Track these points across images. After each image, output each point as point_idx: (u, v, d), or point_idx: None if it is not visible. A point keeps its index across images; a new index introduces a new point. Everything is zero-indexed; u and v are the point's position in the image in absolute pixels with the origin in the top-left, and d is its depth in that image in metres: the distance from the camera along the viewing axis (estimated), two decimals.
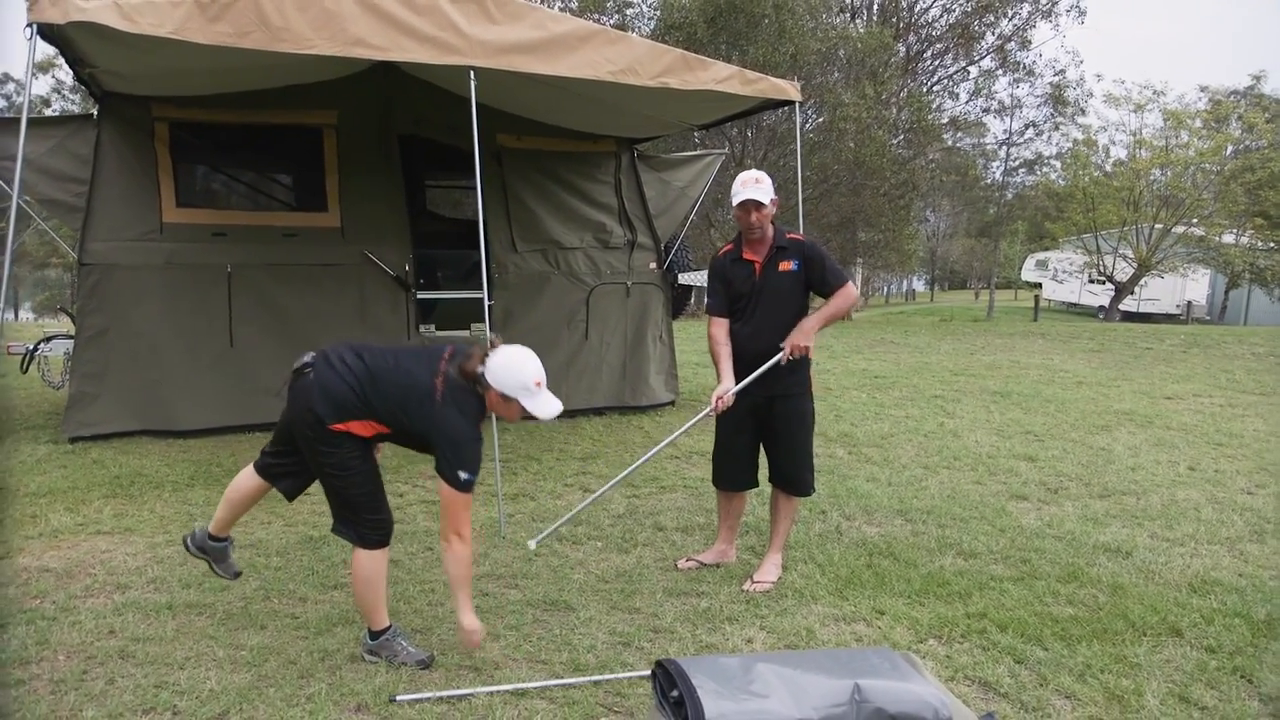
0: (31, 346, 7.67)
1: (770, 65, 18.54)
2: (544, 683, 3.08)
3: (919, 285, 71.65)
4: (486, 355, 3.05)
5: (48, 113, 32.22)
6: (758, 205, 3.87)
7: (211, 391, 6.64)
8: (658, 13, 23.99)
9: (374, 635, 3.22)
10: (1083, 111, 26.70)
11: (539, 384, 3.09)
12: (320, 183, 7.05)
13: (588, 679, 3.10)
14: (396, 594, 3.86)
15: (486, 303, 4.75)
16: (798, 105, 5.75)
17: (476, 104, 4.69)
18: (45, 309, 36.66)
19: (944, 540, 4.68)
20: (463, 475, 2.95)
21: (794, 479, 4.15)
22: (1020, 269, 46.70)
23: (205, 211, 6.84)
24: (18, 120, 7.05)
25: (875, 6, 27.69)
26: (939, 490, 5.69)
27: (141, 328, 6.47)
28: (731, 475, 4.26)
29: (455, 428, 2.98)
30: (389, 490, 5.34)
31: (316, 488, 3.27)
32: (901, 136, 22.99)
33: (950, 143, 30.05)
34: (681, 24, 20.62)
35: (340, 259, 6.97)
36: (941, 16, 27.06)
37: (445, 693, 3.00)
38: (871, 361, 12.21)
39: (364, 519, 3.13)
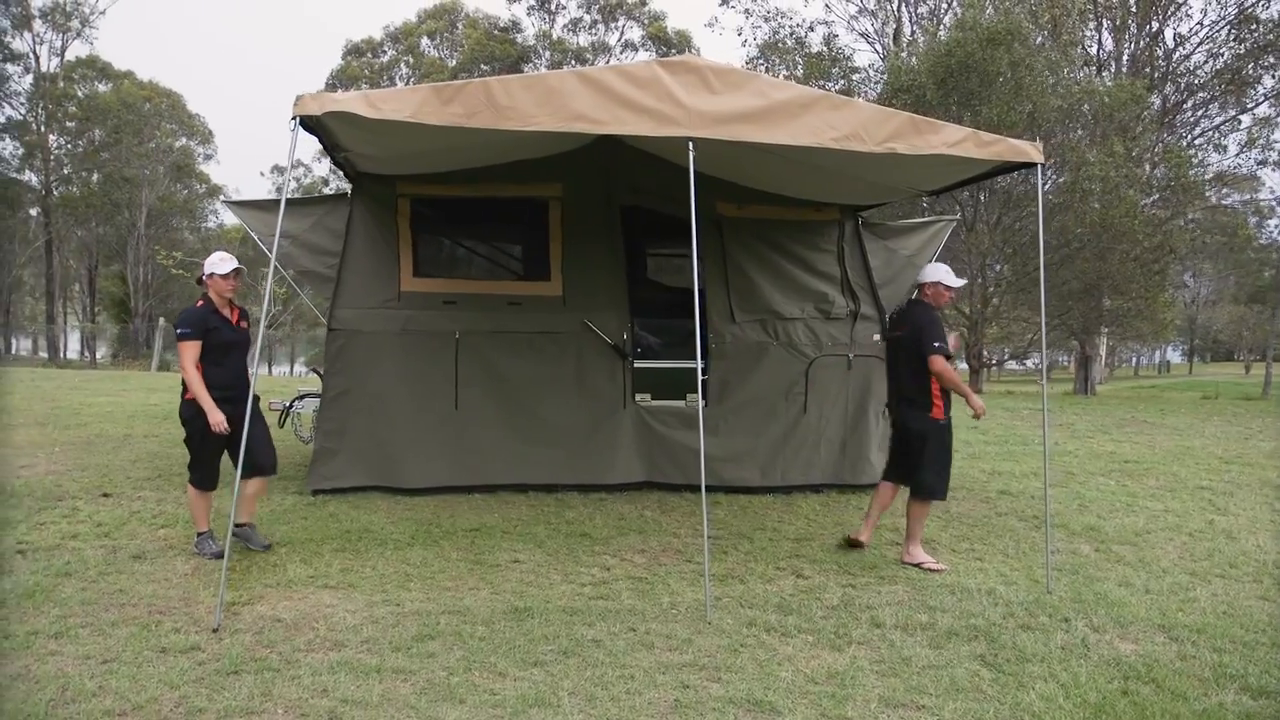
0: (288, 403, 8.37)
1: (1006, 125, 17.63)
2: None
3: (1175, 356, 65.34)
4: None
5: (327, 191, 36.36)
6: None
7: (436, 452, 6.93)
8: (884, 76, 23.53)
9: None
10: None
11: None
12: (544, 252, 7.28)
13: None
14: (593, 678, 3.74)
15: (700, 376, 4.59)
16: (1040, 167, 5.28)
17: (696, 173, 4.65)
18: (314, 363, 41.16)
19: (1222, 669, 3.98)
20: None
21: None
22: None
23: (438, 281, 7.23)
24: (291, 201, 7.77)
25: (1125, 57, 25.79)
26: (1211, 604, 4.90)
27: (377, 389, 6.87)
28: None
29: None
30: (592, 562, 5.32)
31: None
32: (1156, 195, 21.09)
33: (1214, 200, 27.22)
34: (910, 86, 20.12)
35: (561, 326, 7.13)
36: (1206, 62, 24.72)
37: None
38: (1120, 444, 11.02)
39: None
